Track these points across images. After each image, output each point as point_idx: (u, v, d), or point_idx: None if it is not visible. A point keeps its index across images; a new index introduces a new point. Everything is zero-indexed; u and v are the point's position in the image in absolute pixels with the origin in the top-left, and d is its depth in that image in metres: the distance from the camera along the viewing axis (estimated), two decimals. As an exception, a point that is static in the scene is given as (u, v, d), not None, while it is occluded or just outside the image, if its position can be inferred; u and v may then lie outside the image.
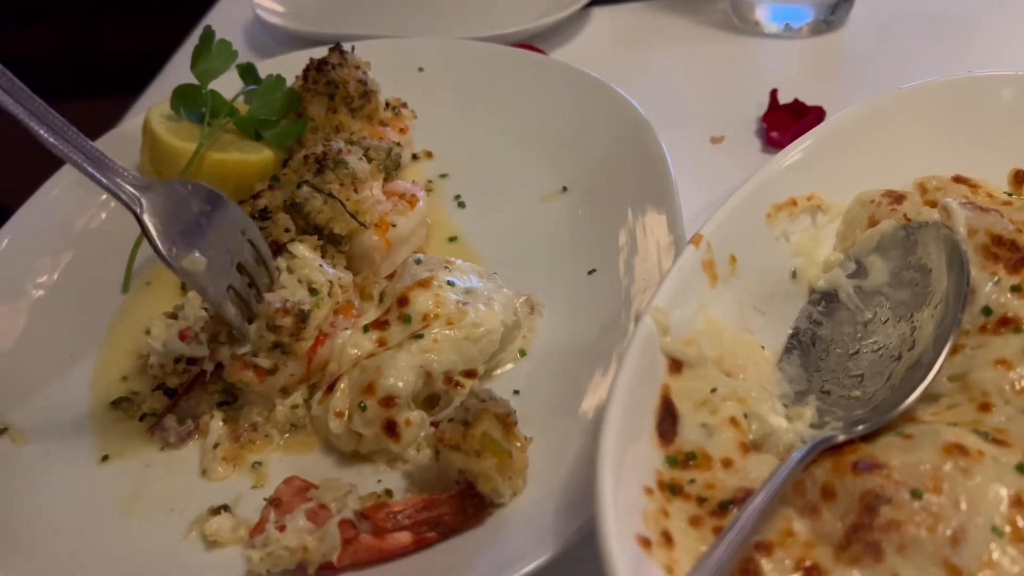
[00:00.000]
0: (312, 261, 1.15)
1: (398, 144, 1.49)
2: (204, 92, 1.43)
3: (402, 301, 1.12)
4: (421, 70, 1.73)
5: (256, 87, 1.51)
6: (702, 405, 0.88)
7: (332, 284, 1.14)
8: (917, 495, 0.74)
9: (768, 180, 1.06)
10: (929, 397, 0.88)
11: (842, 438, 0.82)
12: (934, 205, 1.05)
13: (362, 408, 1.02)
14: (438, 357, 1.06)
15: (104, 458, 1.10)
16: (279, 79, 1.50)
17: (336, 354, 1.12)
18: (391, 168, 1.45)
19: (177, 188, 1.04)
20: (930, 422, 0.84)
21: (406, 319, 1.10)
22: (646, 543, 0.73)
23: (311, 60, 1.51)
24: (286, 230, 1.19)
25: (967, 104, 1.17)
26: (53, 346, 1.26)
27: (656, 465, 0.82)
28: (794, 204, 1.07)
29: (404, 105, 1.60)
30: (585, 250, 1.29)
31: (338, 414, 1.04)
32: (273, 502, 0.97)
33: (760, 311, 1.01)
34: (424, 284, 1.12)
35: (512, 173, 1.49)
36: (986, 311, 0.91)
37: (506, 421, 0.95)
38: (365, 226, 1.26)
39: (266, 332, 1.08)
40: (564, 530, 0.87)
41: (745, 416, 0.89)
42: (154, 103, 1.51)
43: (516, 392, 1.10)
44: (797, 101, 1.63)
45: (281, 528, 0.92)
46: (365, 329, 1.13)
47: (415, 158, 1.58)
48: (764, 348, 0.98)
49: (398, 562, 0.92)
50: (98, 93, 3.16)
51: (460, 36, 1.83)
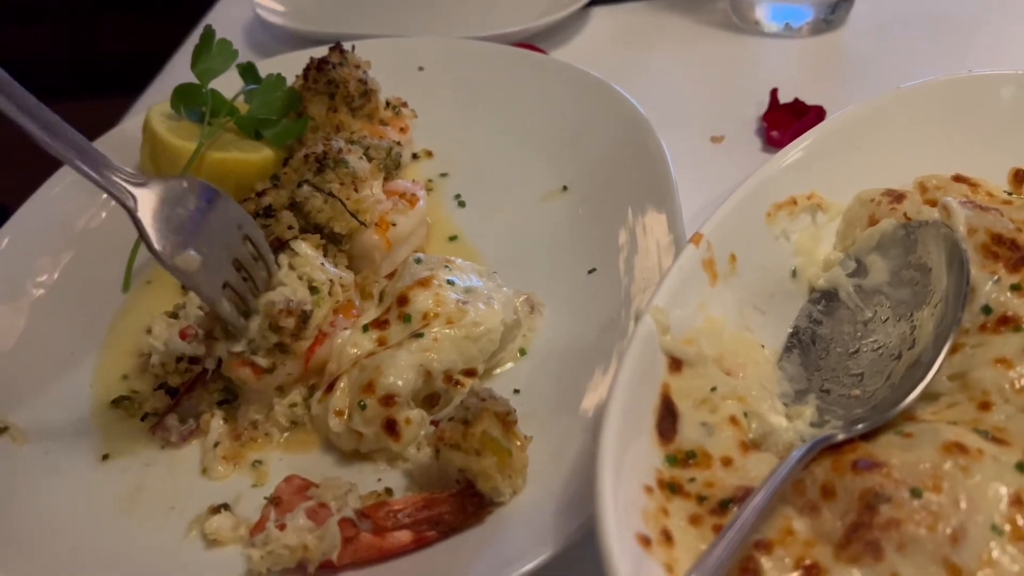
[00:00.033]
0: (314, 259, 1.14)
1: (398, 143, 1.49)
2: (204, 91, 1.43)
3: (402, 300, 1.12)
4: (421, 69, 1.73)
5: (256, 86, 1.51)
6: (702, 404, 0.88)
7: (333, 283, 1.14)
8: (917, 494, 0.74)
9: (768, 179, 1.06)
10: (929, 396, 0.88)
11: (842, 437, 0.82)
12: (934, 204, 1.05)
13: (362, 407, 1.02)
14: (438, 356, 1.06)
15: (104, 457, 1.10)
16: (279, 78, 1.50)
17: (336, 354, 1.12)
18: (391, 167, 1.45)
19: (172, 184, 1.03)
20: (930, 421, 0.84)
21: (406, 318, 1.10)
22: (646, 541, 0.73)
23: (311, 59, 1.51)
24: (289, 227, 1.19)
25: (967, 103, 1.17)
26: (53, 345, 1.26)
27: (656, 464, 0.82)
28: (794, 203, 1.07)
29: (404, 104, 1.60)
30: (585, 249, 1.29)
31: (338, 413, 1.04)
32: (273, 501, 0.97)
33: (760, 310, 1.01)
34: (424, 283, 1.12)
35: (512, 172, 1.49)
36: (986, 310, 0.91)
37: (506, 420, 0.95)
38: (365, 225, 1.26)
39: (268, 332, 1.08)
40: (564, 529, 0.87)
41: (745, 415, 0.89)
42: (154, 103, 1.51)
43: (516, 391, 1.10)
44: (797, 100, 1.63)
45: (281, 527, 0.92)
46: (365, 328, 1.12)
47: (415, 157, 1.58)
48: (764, 347, 0.98)
49: (398, 561, 0.92)
50: (98, 93, 3.16)
51: (460, 35, 1.83)
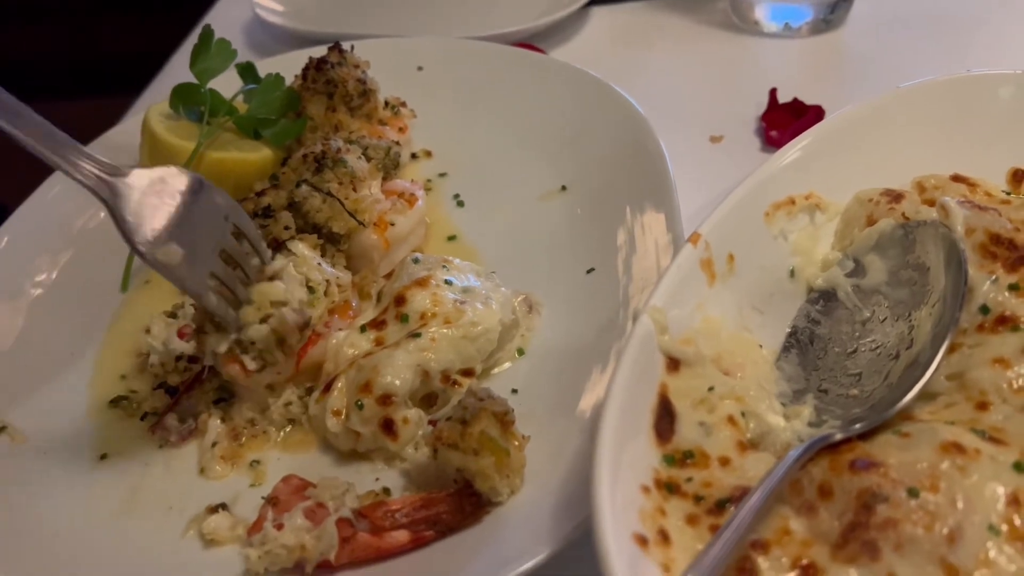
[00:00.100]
0: (311, 259, 1.14)
1: (397, 143, 1.50)
2: (203, 91, 1.43)
3: (399, 300, 1.11)
4: (420, 69, 1.73)
5: (255, 86, 1.51)
6: (700, 404, 0.88)
7: (329, 283, 1.14)
8: (914, 494, 0.74)
9: (767, 179, 1.06)
10: (927, 396, 0.88)
11: (839, 437, 0.82)
12: (932, 204, 1.05)
13: (360, 406, 1.02)
14: (436, 356, 1.06)
15: (102, 457, 1.10)
16: (278, 78, 1.50)
17: (333, 354, 1.11)
18: (390, 167, 1.45)
19: (152, 174, 0.99)
20: (928, 421, 0.84)
21: (403, 318, 1.10)
22: (643, 541, 0.73)
23: (310, 59, 1.51)
24: (286, 227, 1.19)
25: (966, 103, 1.17)
26: (52, 345, 1.26)
27: (653, 463, 0.82)
28: (792, 203, 1.07)
29: (403, 104, 1.60)
30: (584, 249, 1.29)
31: (336, 413, 1.04)
32: (271, 500, 0.97)
33: (758, 310, 1.01)
34: (422, 283, 1.12)
35: (511, 172, 1.49)
36: (984, 310, 0.91)
37: (504, 420, 0.95)
38: (364, 225, 1.26)
39: (275, 348, 1.07)
40: (561, 529, 0.87)
41: (743, 415, 0.88)
42: (154, 102, 1.51)
43: (514, 391, 1.10)
44: (796, 100, 1.63)
45: (279, 527, 0.92)
46: (362, 329, 1.12)
47: (414, 157, 1.58)
48: (762, 347, 0.98)
49: (396, 561, 0.92)
50: (98, 93, 3.16)
51: (460, 35, 1.83)
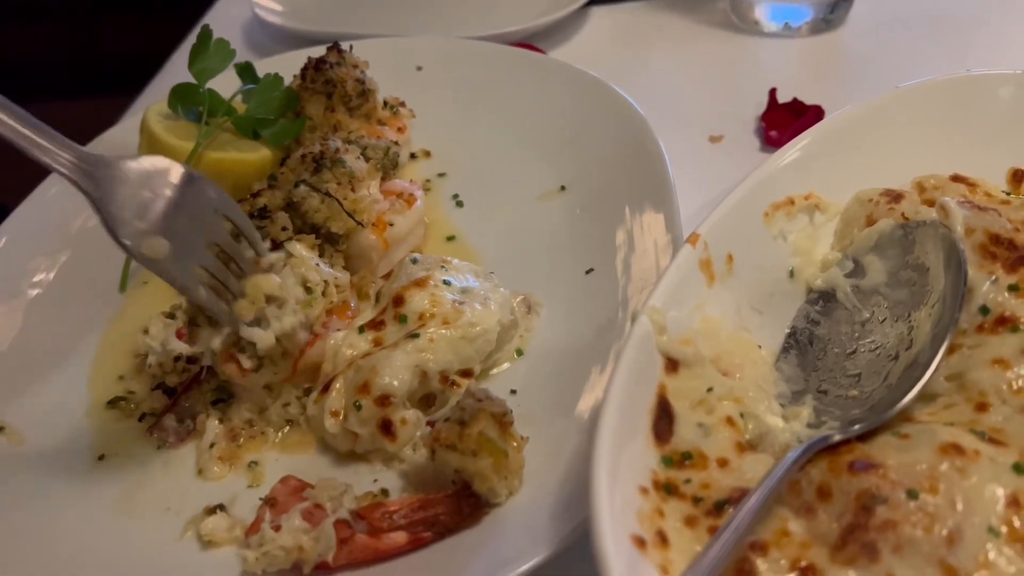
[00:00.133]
0: (309, 260, 1.14)
1: (396, 143, 1.49)
2: (202, 91, 1.43)
3: (398, 301, 1.11)
4: (419, 69, 1.73)
5: (254, 86, 1.51)
6: (698, 405, 0.88)
7: (327, 284, 1.14)
8: (913, 495, 0.73)
9: (766, 179, 1.06)
10: (926, 397, 0.87)
11: (838, 438, 0.82)
12: (932, 204, 1.04)
13: (358, 407, 1.02)
14: (434, 356, 1.05)
15: (100, 457, 1.10)
16: (277, 78, 1.50)
17: (331, 354, 1.11)
18: (389, 167, 1.45)
19: (138, 166, 0.96)
20: (927, 422, 0.84)
21: (402, 319, 1.10)
22: (641, 543, 0.73)
23: (309, 59, 1.51)
24: (283, 228, 1.19)
25: (966, 103, 1.17)
26: (50, 345, 1.26)
27: (652, 465, 0.82)
28: (792, 203, 1.07)
29: (402, 104, 1.60)
30: (583, 249, 1.28)
31: (334, 413, 1.04)
32: (269, 502, 0.97)
33: (757, 310, 1.01)
34: (420, 283, 1.12)
35: (510, 172, 1.49)
36: (983, 310, 0.91)
37: (502, 421, 0.95)
38: (362, 225, 1.26)
39: (279, 359, 1.08)
40: (560, 530, 0.87)
41: (741, 416, 0.88)
42: (153, 102, 1.50)
43: (513, 392, 1.10)
44: (796, 100, 1.63)
45: (277, 528, 0.92)
46: (361, 329, 1.12)
47: (413, 157, 1.58)
48: (761, 347, 0.98)
49: (394, 562, 0.92)
50: (98, 93, 3.16)
51: (459, 35, 1.83)
